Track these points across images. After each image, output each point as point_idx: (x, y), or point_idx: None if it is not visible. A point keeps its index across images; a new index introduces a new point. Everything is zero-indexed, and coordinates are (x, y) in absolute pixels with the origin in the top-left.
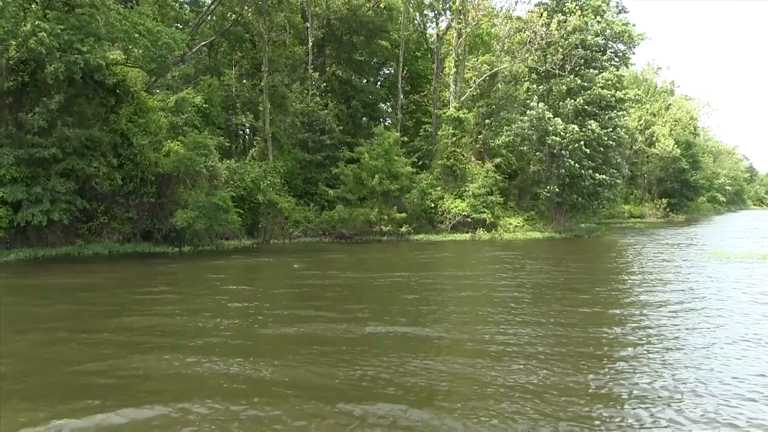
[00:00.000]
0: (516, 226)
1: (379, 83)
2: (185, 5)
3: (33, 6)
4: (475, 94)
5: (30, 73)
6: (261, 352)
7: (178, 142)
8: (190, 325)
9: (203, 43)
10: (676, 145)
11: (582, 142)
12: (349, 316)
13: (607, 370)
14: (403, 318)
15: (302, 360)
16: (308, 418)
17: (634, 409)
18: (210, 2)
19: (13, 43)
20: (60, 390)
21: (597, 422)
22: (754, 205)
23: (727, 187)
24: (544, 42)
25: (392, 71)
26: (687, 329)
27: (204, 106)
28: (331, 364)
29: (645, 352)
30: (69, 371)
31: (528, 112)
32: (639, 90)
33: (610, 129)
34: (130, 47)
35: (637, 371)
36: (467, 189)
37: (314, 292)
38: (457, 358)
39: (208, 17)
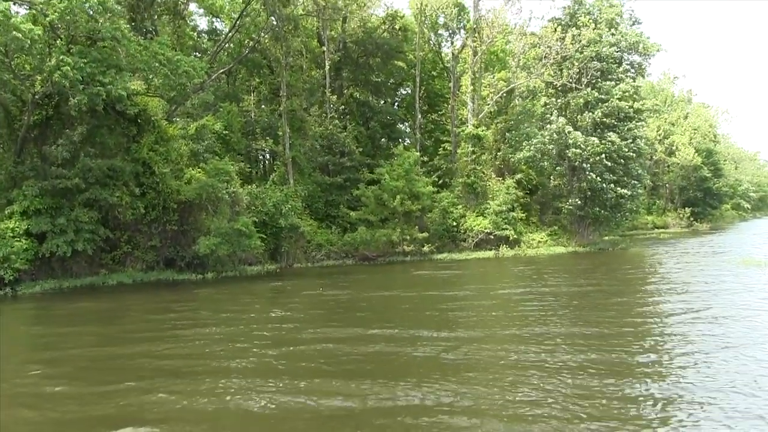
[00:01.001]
0: (539, 242)
1: (396, 104)
2: (203, 34)
3: (58, 42)
4: (492, 110)
5: (54, 106)
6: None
7: (199, 169)
8: (226, 351)
9: (222, 70)
10: (696, 154)
11: (603, 155)
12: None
13: None
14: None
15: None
16: None
17: None
18: (227, 30)
19: (39, 78)
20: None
21: None
22: None
23: (751, 194)
24: (559, 56)
25: (409, 91)
26: None
27: (224, 132)
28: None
29: None
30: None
31: (547, 126)
32: (656, 100)
33: (630, 140)
34: (150, 77)
35: None
36: (489, 206)
37: (344, 313)
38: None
39: (226, 45)
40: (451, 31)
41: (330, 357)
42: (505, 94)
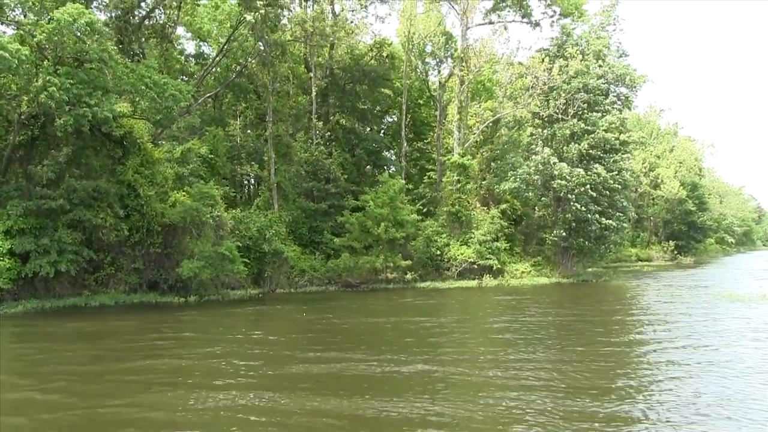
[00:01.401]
0: (523, 272)
1: (382, 131)
2: (190, 58)
3: (45, 62)
4: (478, 140)
5: (40, 126)
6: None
7: (184, 193)
8: (216, 367)
9: (208, 94)
10: (681, 187)
11: (588, 186)
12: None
13: None
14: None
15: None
16: None
17: None
18: (215, 55)
19: (25, 98)
20: None
21: None
22: (764, 245)
23: (736, 228)
24: (546, 87)
25: (395, 119)
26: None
27: (209, 156)
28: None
29: None
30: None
31: (533, 157)
32: (642, 132)
33: (616, 172)
34: (137, 99)
35: None
36: (473, 235)
37: (326, 337)
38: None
39: (213, 69)
40: (438, 60)
41: (312, 377)
42: (491, 124)
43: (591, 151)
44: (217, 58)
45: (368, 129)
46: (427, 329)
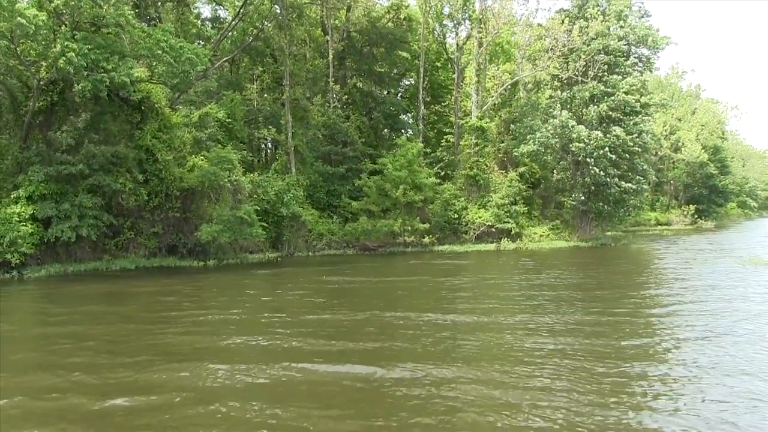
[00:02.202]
0: (541, 236)
1: (399, 94)
2: (207, 22)
3: (62, 28)
4: (496, 102)
5: (59, 92)
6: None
7: (202, 157)
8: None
9: (225, 58)
10: (703, 150)
11: (606, 149)
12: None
13: None
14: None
15: None
16: None
17: None
18: (231, 18)
19: (44, 64)
20: None
21: None
22: None
23: (759, 192)
24: (566, 48)
25: (413, 82)
26: None
27: (227, 120)
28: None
29: None
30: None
31: (551, 120)
32: (664, 95)
33: (636, 135)
34: (154, 64)
35: None
36: (491, 199)
37: (348, 295)
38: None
39: (229, 33)
40: (455, 22)
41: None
42: (509, 87)
43: (611, 113)
44: (234, 22)
45: (385, 92)
46: (450, 287)
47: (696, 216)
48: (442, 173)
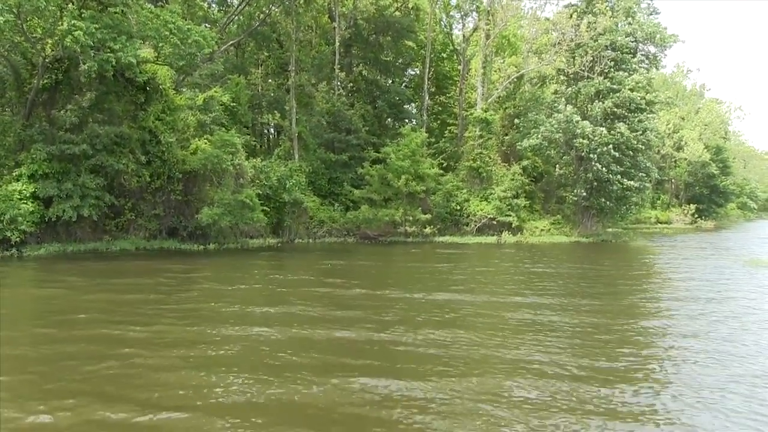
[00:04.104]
0: (542, 230)
1: (404, 84)
2: (213, 5)
3: (70, 6)
4: (501, 95)
5: (64, 71)
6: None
7: (205, 140)
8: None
9: (230, 42)
10: (705, 150)
11: (610, 145)
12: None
13: None
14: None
15: None
16: None
17: None
18: (238, 2)
19: (50, 42)
20: None
21: None
22: None
23: (759, 193)
24: (573, 43)
25: (418, 72)
26: None
27: (231, 104)
28: None
29: None
30: None
31: (555, 114)
32: (669, 93)
33: (640, 132)
34: (160, 45)
35: None
36: (493, 191)
37: (349, 276)
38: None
39: (236, 17)
40: (463, 13)
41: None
42: (514, 80)
43: (616, 109)
44: (241, 6)
45: (390, 81)
46: (448, 272)
47: (696, 215)
48: (445, 164)
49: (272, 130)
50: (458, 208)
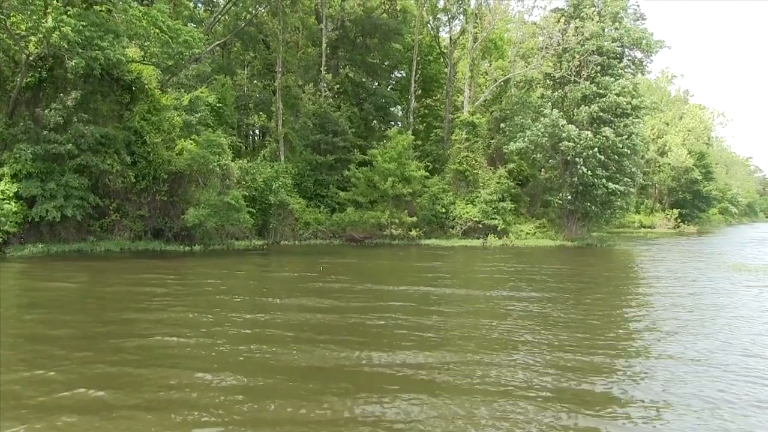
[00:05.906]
0: (527, 233)
1: (391, 86)
2: (199, 4)
3: (55, 2)
4: (488, 99)
5: (48, 69)
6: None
7: (191, 141)
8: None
9: (217, 42)
10: (688, 155)
11: (596, 149)
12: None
13: None
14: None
15: None
16: None
17: None
18: (224, 2)
19: (34, 39)
20: None
21: None
22: (767, 217)
23: (740, 199)
24: (560, 48)
25: (404, 74)
26: None
27: (217, 105)
28: None
29: None
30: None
31: (542, 119)
32: (653, 98)
33: (625, 136)
34: (146, 44)
35: None
36: (479, 195)
37: (335, 274)
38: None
39: (222, 17)
40: (450, 16)
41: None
42: (501, 84)
43: (601, 114)
44: (227, 6)
45: (377, 84)
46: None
47: (679, 220)
48: (431, 167)
49: (257, 132)
50: (444, 210)
